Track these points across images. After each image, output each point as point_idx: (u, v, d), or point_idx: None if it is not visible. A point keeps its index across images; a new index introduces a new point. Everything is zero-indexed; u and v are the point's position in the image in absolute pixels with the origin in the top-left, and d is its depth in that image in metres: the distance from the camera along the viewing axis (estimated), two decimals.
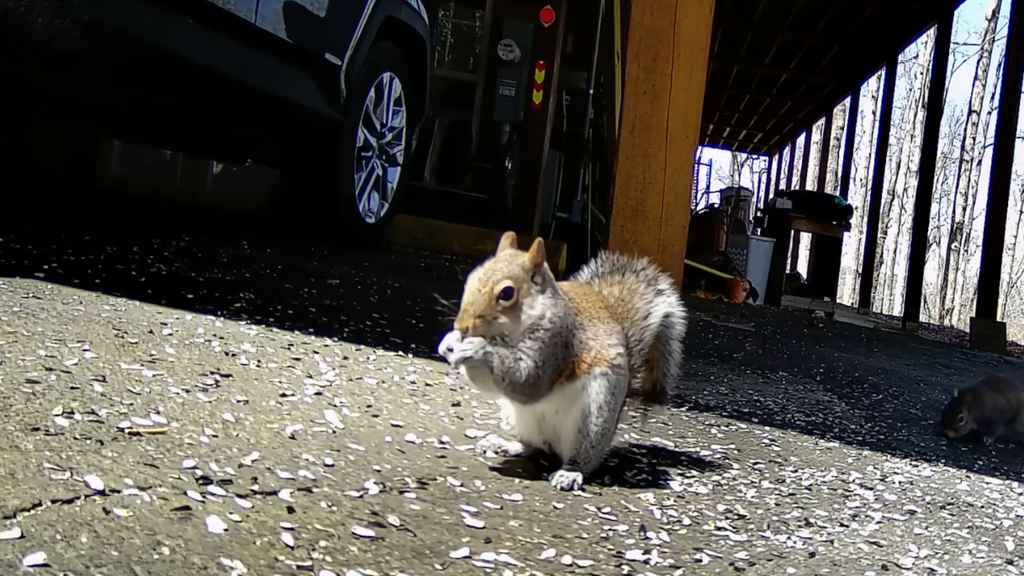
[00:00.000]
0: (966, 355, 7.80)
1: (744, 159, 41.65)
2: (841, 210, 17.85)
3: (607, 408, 1.83)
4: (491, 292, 1.76)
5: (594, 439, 1.83)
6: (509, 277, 1.77)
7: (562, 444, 1.86)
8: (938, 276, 35.35)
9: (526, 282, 1.78)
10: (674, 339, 2.04)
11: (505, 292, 1.76)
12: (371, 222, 5.85)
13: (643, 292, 2.01)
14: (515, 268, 1.78)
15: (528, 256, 1.80)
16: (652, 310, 2.00)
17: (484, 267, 1.79)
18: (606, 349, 1.84)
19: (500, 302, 1.75)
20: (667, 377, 2.06)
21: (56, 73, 3.71)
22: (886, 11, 15.65)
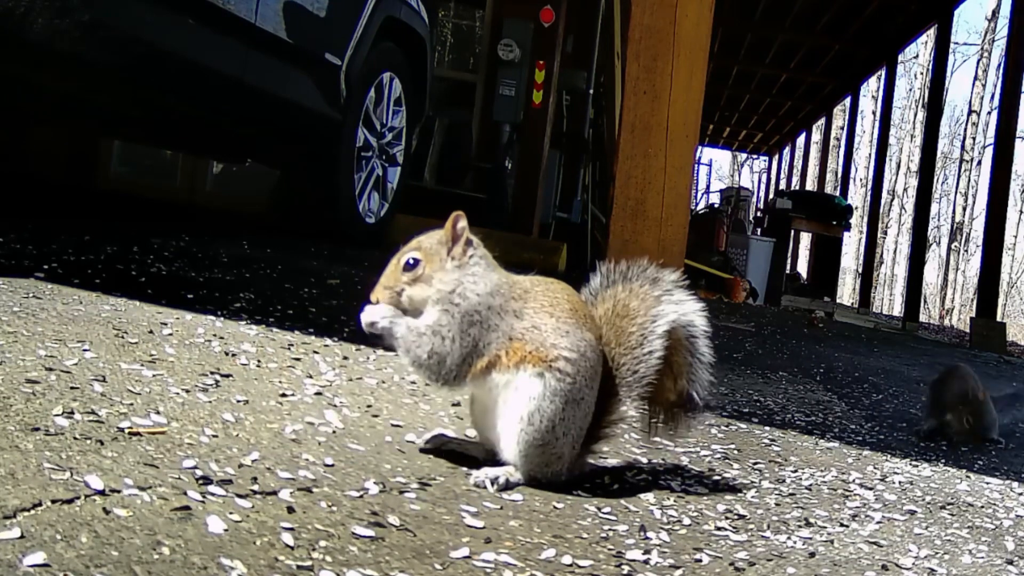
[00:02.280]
0: (966, 355, 7.80)
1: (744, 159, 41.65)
2: (841, 210, 17.85)
3: (546, 418, 1.69)
4: (398, 263, 1.75)
5: (528, 448, 1.71)
6: (418, 248, 1.75)
7: (497, 445, 1.77)
8: (938, 276, 35.35)
9: (438, 255, 1.74)
10: (699, 337, 1.87)
11: (408, 263, 1.74)
12: (371, 222, 5.85)
13: (645, 295, 1.86)
14: (430, 241, 1.76)
15: (444, 229, 1.76)
16: (658, 315, 1.83)
17: (412, 241, 1.78)
18: (546, 348, 1.71)
19: (405, 273, 1.74)
20: (695, 383, 1.88)
21: (56, 73, 3.71)
22: (886, 11, 15.65)
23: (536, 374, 1.70)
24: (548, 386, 1.70)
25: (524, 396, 1.70)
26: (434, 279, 1.73)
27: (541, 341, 1.72)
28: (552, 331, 1.73)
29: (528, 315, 1.74)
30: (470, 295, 1.71)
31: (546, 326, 1.73)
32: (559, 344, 1.72)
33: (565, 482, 1.79)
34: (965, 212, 33.34)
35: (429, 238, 1.77)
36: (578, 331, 1.74)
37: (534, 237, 9.38)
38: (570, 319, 1.75)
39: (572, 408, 1.72)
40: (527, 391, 1.70)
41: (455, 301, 1.71)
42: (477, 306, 1.71)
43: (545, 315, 1.73)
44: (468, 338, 1.70)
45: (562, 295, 1.79)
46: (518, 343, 1.72)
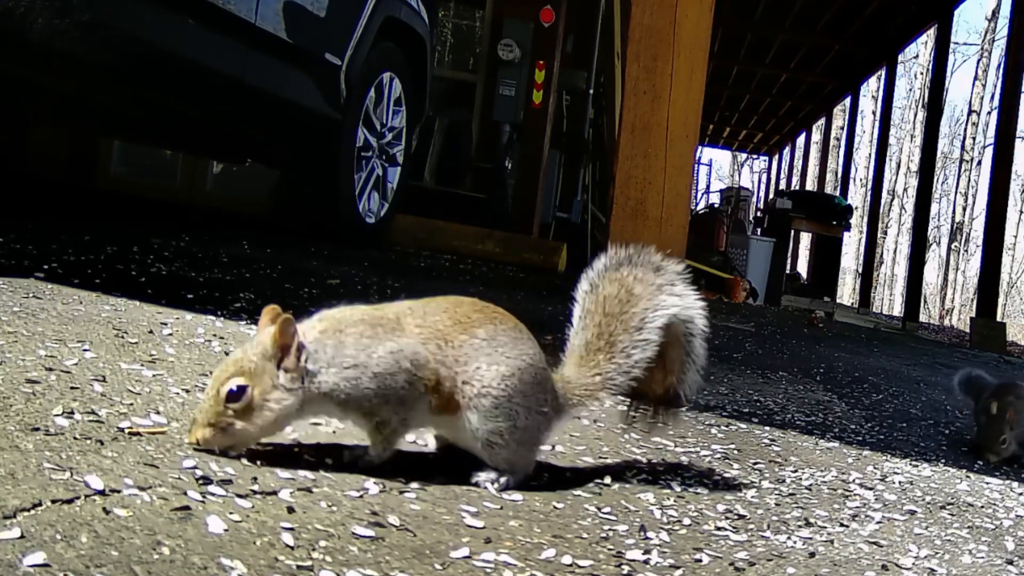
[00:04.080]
0: (966, 355, 7.80)
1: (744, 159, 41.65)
2: (841, 210, 17.85)
3: (516, 429, 1.65)
4: (218, 394, 1.50)
5: (511, 457, 1.67)
6: (240, 373, 1.52)
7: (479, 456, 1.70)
8: (938, 276, 35.35)
9: (267, 373, 1.52)
10: (696, 336, 1.83)
11: (232, 393, 1.50)
12: (371, 222, 5.85)
13: (648, 283, 1.81)
14: (251, 359, 1.53)
15: (270, 338, 1.53)
16: (659, 304, 1.78)
17: (226, 360, 1.55)
18: (480, 381, 1.62)
19: (229, 405, 1.50)
20: (683, 384, 1.85)
21: (56, 73, 3.71)
22: (886, 11, 15.65)
23: (490, 407, 1.63)
24: (504, 409, 1.64)
25: (486, 432, 1.64)
26: (267, 402, 1.52)
27: (471, 374, 1.63)
28: (476, 352, 1.63)
29: (449, 349, 1.63)
30: (340, 387, 1.56)
31: (465, 354, 1.63)
32: (488, 369, 1.63)
33: (566, 481, 1.79)
34: (965, 212, 33.34)
35: (247, 353, 1.54)
36: (511, 334, 1.67)
37: (534, 237, 9.38)
38: (491, 327, 1.66)
39: (533, 408, 1.68)
40: (489, 427, 1.64)
41: (343, 396, 1.56)
42: (356, 391, 1.56)
43: (433, 344, 1.62)
44: (401, 408, 1.59)
45: (455, 309, 1.67)
46: (450, 383, 1.62)
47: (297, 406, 1.54)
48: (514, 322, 1.72)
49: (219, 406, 1.50)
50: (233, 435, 1.52)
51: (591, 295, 1.82)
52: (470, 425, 1.63)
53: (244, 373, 1.51)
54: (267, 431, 1.55)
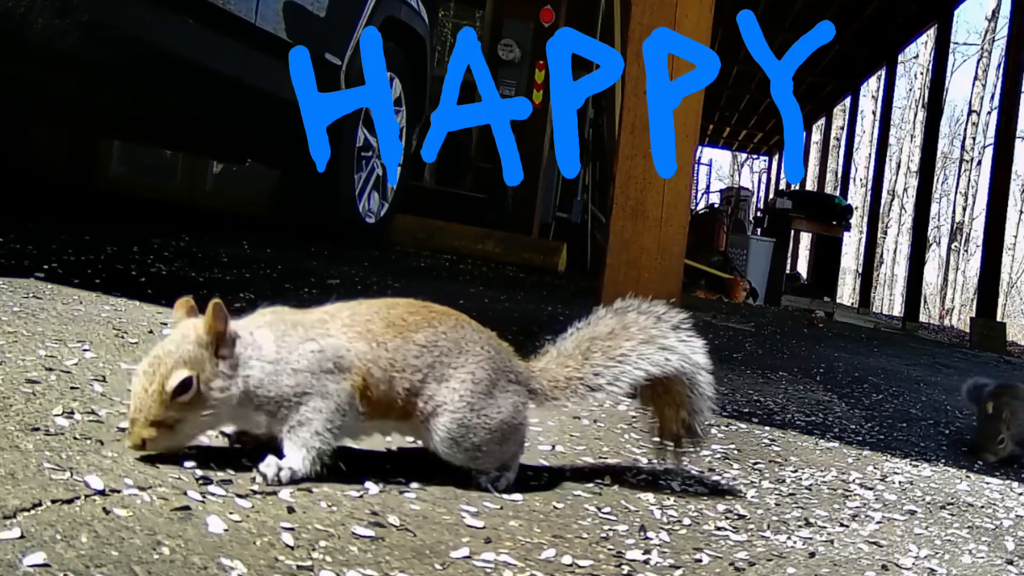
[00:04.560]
0: (966, 355, 7.80)
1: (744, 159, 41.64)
2: (841, 210, 17.85)
3: (492, 432, 1.60)
4: (161, 390, 1.40)
5: (501, 457, 1.64)
6: (182, 364, 1.42)
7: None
8: (938, 276, 35.34)
9: (208, 361, 1.44)
10: (698, 375, 1.76)
11: (180, 386, 1.41)
12: (371, 222, 5.85)
13: (644, 327, 1.74)
14: (189, 348, 1.43)
15: (203, 326, 1.45)
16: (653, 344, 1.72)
17: (150, 356, 1.44)
18: (435, 401, 1.56)
19: (177, 399, 1.41)
20: (695, 416, 1.79)
21: (56, 73, 3.71)
22: (886, 11, 15.66)
23: (452, 412, 1.57)
24: (464, 419, 1.57)
25: (451, 436, 1.58)
26: (212, 392, 1.44)
27: (391, 384, 1.54)
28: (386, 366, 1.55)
29: (386, 341, 1.55)
30: (274, 377, 1.48)
31: (406, 353, 1.55)
32: (453, 378, 1.57)
33: (566, 481, 1.79)
34: (965, 212, 33.34)
35: (182, 345, 1.44)
36: (451, 335, 1.60)
37: (534, 237, 9.38)
38: (395, 335, 1.57)
39: (499, 399, 1.62)
40: (454, 434, 1.58)
41: (264, 392, 1.47)
42: (287, 378, 1.48)
43: (362, 344, 1.54)
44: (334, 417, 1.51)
45: (368, 314, 1.58)
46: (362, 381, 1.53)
47: (238, 396, 1.46)
48: (455, 319, 1.63)
49: (164, 402, 1.40)
50: (180, 433, 1.43)
51: (588, 325, 1.79)
52: (443, 449, 1.58)
53: (187, 363, 1.42)
54: (212, 424, 1.48)
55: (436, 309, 1.64)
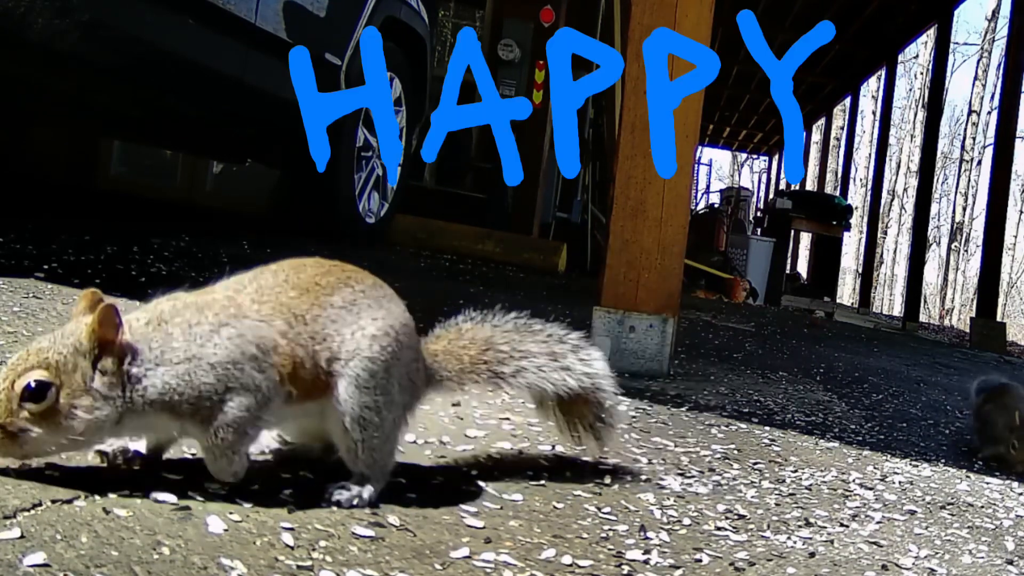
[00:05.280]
0: (966, 355, 7.80)
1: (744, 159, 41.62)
2: (841, 210, 17.86)
3: (391, 404, 1.46)
4: (11, 388, 1.21)
5: (381, 447, 1.47)
6: (42, 366, 1.22)
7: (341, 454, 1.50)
8: (938, 276, 35.33)
9: (79, 372, 1.23)
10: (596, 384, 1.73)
11: (30, 390, 1.21)
12: (371, 222, 5.85)
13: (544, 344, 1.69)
14: (59, 351, 1.24)
15: (86, 331, 1.25)
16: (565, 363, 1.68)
17: (24, 350, 1.26)
18: (348, 349, 1.41)
19: (25, 405, 1.21)
20: (602, 409, 1.76)
21: (56, 73, 3.71)
22: (886, 11, 15.66)
23: (351, 378, 1.42)
24: (364, 380, 1.42)
25: (350, 406, 1.43)
26: (78, 409, 1.23)
27: (315, 360, 1.40)
28: (335, 320, 1.41)
29: (308, 317, 1.41)
30: (187, 378, 1.30)
31: (322, 321, 1.41)
32: (361, 331, 1.42)
33: (566, 481, 1.79)
34: (965, 212, 33.32)
35: (54, 346, 1.24)
36: (367, 311, 1.45)
37: (534, 237, 9.38)
38: (313, 302, 1.42)
39: (396, 381, 1.48)
40: (355, 402, 1.43)
41: (176, 398, 1.29)
42: (205, 375, 1.31)
43: (280, 321, 1.39)
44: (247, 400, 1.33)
45: (275, 283, 1.43)
46: (310, 351, 1.40)
47: (115, 419, 1.26)
48: (372, 279, 1.52)
49: (12, 404, 1.20)
50: (26, 444, 1.22)
51: (487, 319, 1.71)
52: (340, 402, 1.41)
53: (48, 368, 1.22)
54: (70, 446, 1.26)
55: (349, 268, 1.51)
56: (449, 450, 1.87)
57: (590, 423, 1.79)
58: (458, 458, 1.83)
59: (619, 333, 3.12)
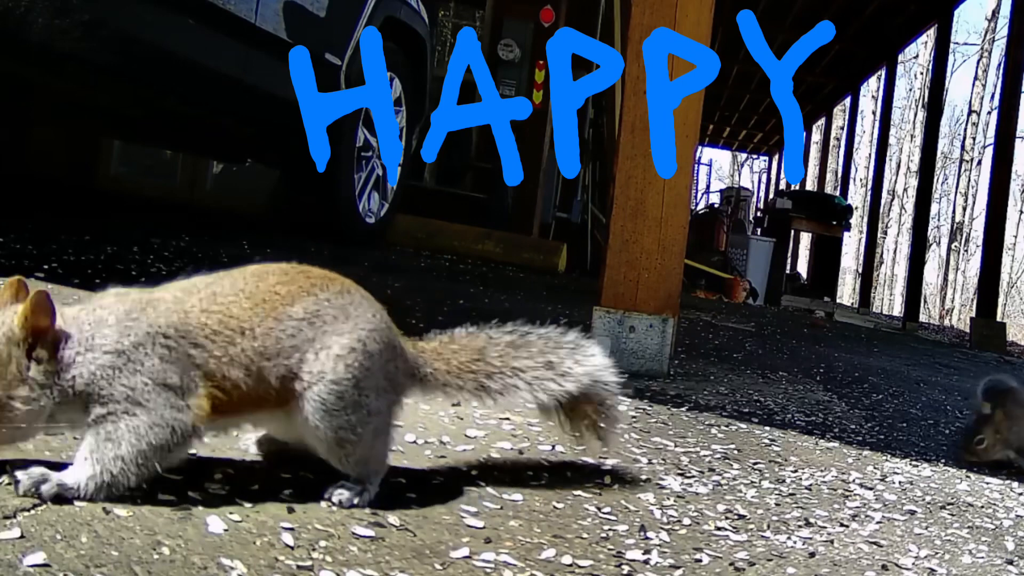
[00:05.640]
0: (966, 355, 7.80)
1: (744, 159, 41.62)
2: (841, 210, 17.86)
3: (368, 417, 1.40)
4: None
5: (366, 455, 1.43)
6: None
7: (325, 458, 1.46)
8: (938, 276, 35.32)
9: (13, 363, 1.19)
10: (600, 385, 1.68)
11: None
12: (371, 222, 5.85)
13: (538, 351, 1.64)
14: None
15: (18, 319, 1.19)
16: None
17: None
18: (312, 370, 1.35)
19: None
20: (606, 413, 1.73)
21: (56, 73, 3.71)
22: (886, 11, 15.66)
23: (322, 394, 1.36)
24: (339, 394, 1.37)
25: (323, 428, 1.38)
26: (15, 400, 1.19)
27: (260, 375, 1.32)
28: (295, 332, 1.35)
29: (256, 330, 1.33)
30: (110, 371, 1.23)
31: (277, 334, 1.34)
32: (332, 347, 1.36)
33: (566, 481, 1.79)
34: (965, 212, 33.32)
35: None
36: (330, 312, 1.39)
37: (534, 237, 9.38)
38: (311, 305, 1.38)
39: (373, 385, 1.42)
40: (326, 423, 1.37)
41: (96, 390, 1.22)
42: (127, 377, 1.23)
43: (221, 345, 1.32)
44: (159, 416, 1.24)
45: (231, 292, 1.38)
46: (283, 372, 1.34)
47: (49, 409, 1.21)
48: (340, 284, 1.45)
49: None
50: None
51: (485, 329, 1.67)
52: (310, 425, 1.37)
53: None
54: (9, 438, 1.22)
55: (316, 274, 1.45)
56: (449, 450, 1.87)
57: (592, 423, 1.75)
58: (458, 458, 1.83)
59: (619, 333, 3.12)
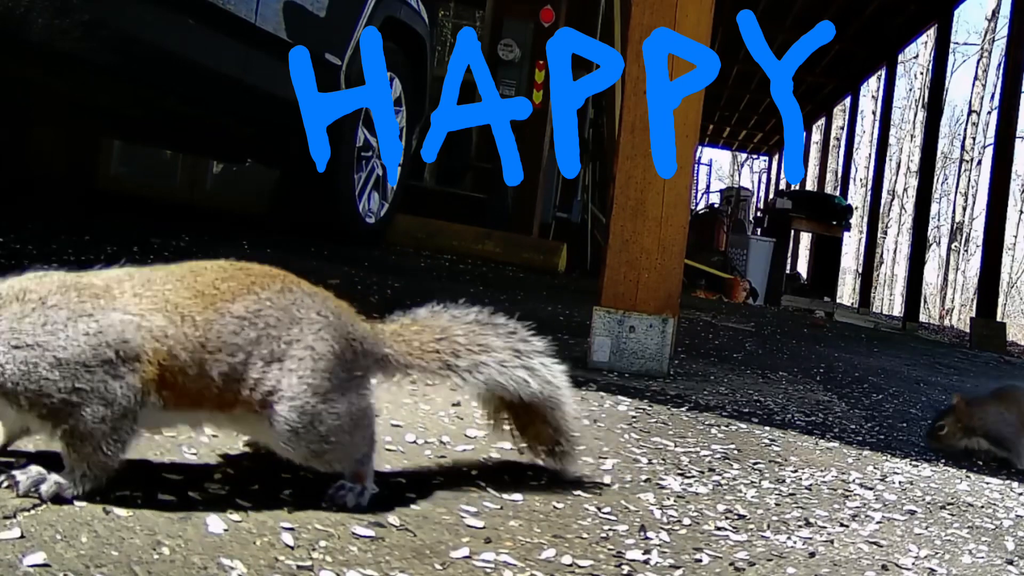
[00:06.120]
0: (966, 355, 7.80)
1: (744, 159, 41.62)
2: (841, 210, 17.86)
3: (339, 418, 1.36)
4: None
5: (349, 452, 1.40)
6: None
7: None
8: (938, 276, 35.32)
9: None
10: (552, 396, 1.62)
11: None
12: (371, 222, 5.85)
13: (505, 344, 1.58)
14: None
15: None
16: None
17: None
18: (268, 386, 1.30)
19: None
20: (561, 439, 1.67)
21: (56, 73, 3.71)
22: (886, 11, 15.66)
23: (281, 427, 1.32)
24: (306, 408, 1.32)
25: (287, 432, 1.33)
26: None
27: (204, 368, 1.25)
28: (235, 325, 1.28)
29: (196, 319, 1.26)
30: (25, 367, 1.16)
31: (220, 328, 1.27)
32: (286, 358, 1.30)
33: (566, 481, 1.79)
34: (965, 212, 33.32)
35: None
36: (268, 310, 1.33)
37: (534, 237, 9.38)
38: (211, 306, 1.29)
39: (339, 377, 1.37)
40: (292, 424, 1.33)
41: (10, 386, 1.16)
42: (48, 371, 1.16)
43: (160, 317, 1.25)
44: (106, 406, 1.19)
45: (168, 280, 1.30)
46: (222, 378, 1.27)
47: None
48: (282, 282, 1.38)
49: None
50: None
51: (449, 307, 1.60)
52: (282, 446, 1.34)
53: None
54: None
55: (256, 271, 1.38)
56: (449, 450, 1.87)
57: (548, 448, 1.71)
58: (458, 458, 1.83)
59: (619, 333, 3.12)
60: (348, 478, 1.44)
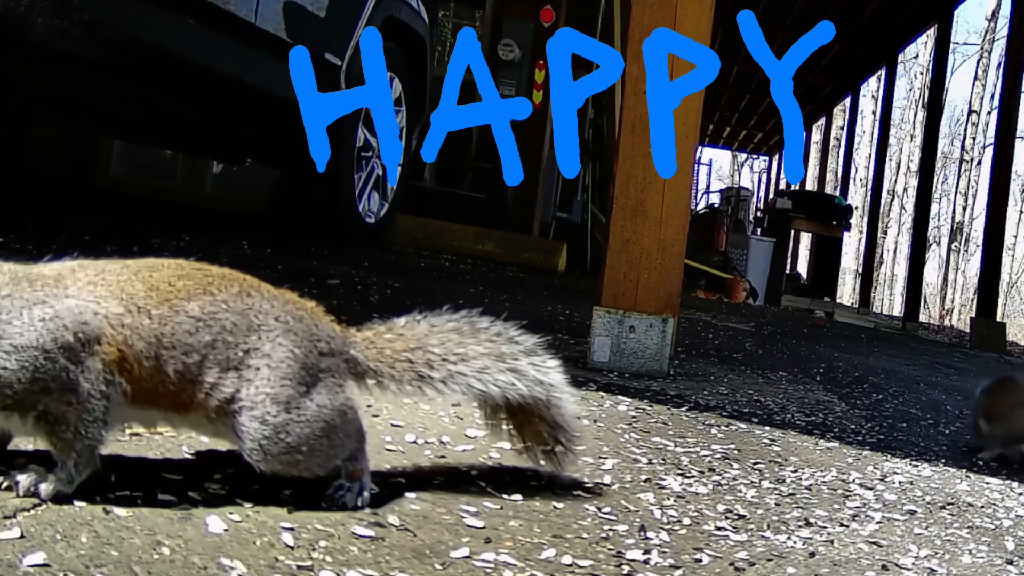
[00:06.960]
0: (966, 355, 7.80)
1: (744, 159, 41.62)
2: (841, 210, 17.86)
3: (308, 423, 1.33)
4: None
5: (331, 452, 1.37)
6: None
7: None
8: (938, 276, 35.32)
9: None
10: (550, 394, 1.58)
11: None
12: (371, 222, 5.86)
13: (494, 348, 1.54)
14: None
15: None
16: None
17: None
18: (230, 396, 1.27)
19: None
20: (560, 430, 1.63)
21: (56, 73, 3.71)
22: (886, 11, 15.66)
23: (250, 440, 1.29)
24: (273, 416, 1.30)
25: (255, 431, 1.30)
26: None
27: (158, 363, 1.22)
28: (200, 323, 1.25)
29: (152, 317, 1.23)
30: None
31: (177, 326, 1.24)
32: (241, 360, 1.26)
33: (567, 481, 1.79)
34: (965, 212, 33.33)
35: None
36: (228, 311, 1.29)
37: (534, 237, 9.38)
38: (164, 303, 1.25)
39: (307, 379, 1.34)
40: (260, 458, 1.31)
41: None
42: (5, 359, 1.14)
43: (116, 305, 1.22)
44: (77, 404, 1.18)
45: (123, 273, 1.27)
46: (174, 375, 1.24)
47: None
48: (240, 285, 1.35)
49: None
50: None
51: (430, 315, 1.57)
52: (254, 459, 1.31)
53: None
54: None
55: (214, 272, 1.35)
56: (449, 450, 1.87)
57: (546, 449, 1.66)
58: (458, 458, 1.83)
59: (619, 333, 3.12)
60: (344, 477, 1.43)
